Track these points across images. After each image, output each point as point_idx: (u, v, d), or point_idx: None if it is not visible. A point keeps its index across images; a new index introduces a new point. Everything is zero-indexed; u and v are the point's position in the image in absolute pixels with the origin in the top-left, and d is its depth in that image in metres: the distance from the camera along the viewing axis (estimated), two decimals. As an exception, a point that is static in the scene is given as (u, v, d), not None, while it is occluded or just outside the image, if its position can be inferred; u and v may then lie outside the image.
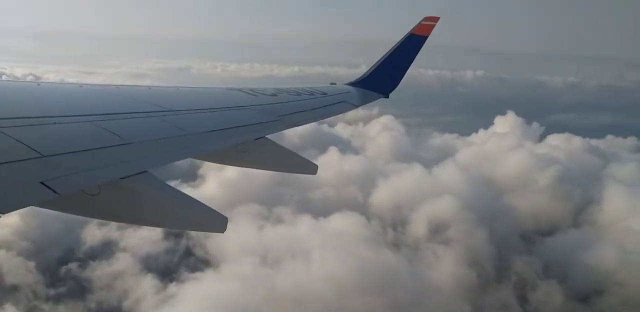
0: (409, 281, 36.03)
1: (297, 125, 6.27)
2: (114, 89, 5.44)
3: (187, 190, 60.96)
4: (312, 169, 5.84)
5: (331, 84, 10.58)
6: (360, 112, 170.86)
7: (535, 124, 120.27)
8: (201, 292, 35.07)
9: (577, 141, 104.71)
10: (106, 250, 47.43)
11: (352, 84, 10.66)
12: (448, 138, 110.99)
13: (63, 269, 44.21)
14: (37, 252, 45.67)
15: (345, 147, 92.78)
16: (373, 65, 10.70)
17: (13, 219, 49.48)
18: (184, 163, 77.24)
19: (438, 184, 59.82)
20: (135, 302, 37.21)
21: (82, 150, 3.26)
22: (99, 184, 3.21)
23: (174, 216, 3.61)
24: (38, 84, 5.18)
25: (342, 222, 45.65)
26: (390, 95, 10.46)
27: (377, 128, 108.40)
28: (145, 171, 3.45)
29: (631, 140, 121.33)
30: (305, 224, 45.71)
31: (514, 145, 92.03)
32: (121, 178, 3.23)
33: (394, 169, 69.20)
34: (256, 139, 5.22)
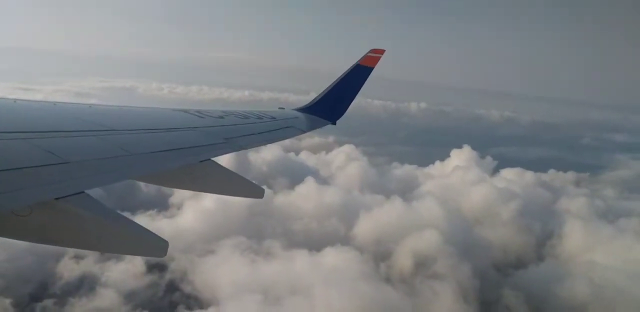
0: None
1: (244, 149, 6.27)
2: (51, 106, 5.30)
3: (163, 221, 59.18)
4: (258, 193, 5.76)
5: (279, 108, 10.69)
6: (317, 140, 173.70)
7: (488, 158, 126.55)
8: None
9: (529, 175, 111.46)
10: (84, 285, 44.75)
11: (301, 109, 10.82)
12: (408, 169, 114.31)
13: (38, 306, 41.14)
14: (7, 287, 42.33)
15: (314, 176, 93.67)
16: (321, 93, 10.98)
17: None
18: (151, 191, 75.07)
19: (416, 216, 61.57)
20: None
21: (13, 169, 3.11)
22: (30, 204, 3.08)
23: (111, 239, 3.48)
24: None
25: (336, 257, 45.81)
26: (339, 122, 10.80)
27: (341, 157, 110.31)
28: (83, 192, 3.35)
29: (571, 175, 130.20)
30: (299, 259, 45.44)
31: (474, 179, 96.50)
32: (56, 199, 3.13)
33: (370, 200, 70.50)
34: (201, 161, 5.12)
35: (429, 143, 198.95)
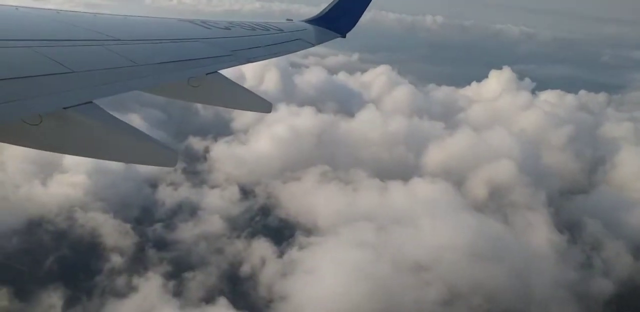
0: (514, 245, 39.22)
1: (251, 62, 6.09)
2: (54, 14, 5.16)
3: (238, 148, 60.38)
4: (266, 107, 5.71)
5: (287, 20, 10.14)
6: (341, 58, 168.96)
7: (527, 80, 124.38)
8: (326, 258, 36.51)
9: (569, 98, 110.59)
10: (185, 210, 47.21)
11: (309, 21, 10.31)
12: (447, 91, 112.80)
13: (149, 230, 43.85)
14: (115, 211, 44.79)
15: (361, 100, 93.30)
16: (330, 3, 10.39)
17: (80, 178, 47.85)
18: (209, 115, 75.56)
19: (481, 144, 62.48)
20: (252, 267, 38.08)
21: (21, 77, 3.06)
22: (40, 113, 3.08)
23: (121, 149, 3.55)
24: None
25: (424, 186, 47.63)
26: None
27: (382, 80, 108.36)
28: (91, 102, 3.35)
29: (603, 96, 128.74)
30: (390, 188, 47.26)
31: (519, 103, 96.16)
32: (64, 108, 3.13)
33: (430, 127, 71.20)
34: (208, 73, 5.09)
35: (455, 61, 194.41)
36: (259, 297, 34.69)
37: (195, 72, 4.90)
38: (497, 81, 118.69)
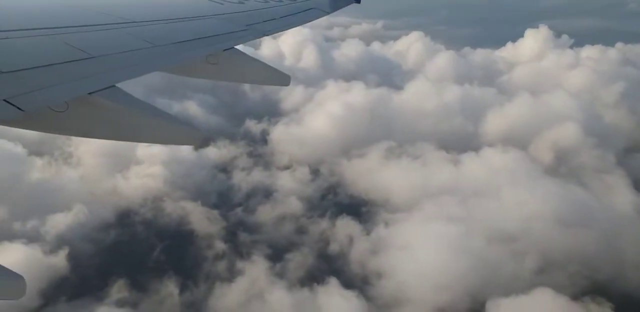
0: (598, 209, 39.27)
1: (267, 35, 6.03)
2: (71, 0, 5.25)
3: (295, 128, 60.84)
4: (285, 80, 5.69)
5: None
6: (365, 26, 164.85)
7: (564, 36, 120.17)
8: (415, 234, 37.26)
9: (612, 53, 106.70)
10: (261, 194, 48.38)
11: None
12: (483, 53, 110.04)
13: (231, 215, 45.18)
14: (198, 197, 46.22)
15: (402, 71, 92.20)
16: None
17: (157, 169, 49.28)
18: (257, 97, 75.93)
19: (540, 106, 61.53)
20: (341, 246, 39.18)
21: (45, 66, 3.16)
22: (66, 99, 3.17)
23: (145, 130, 3.60)
24: None
25: (499, 156, 47.60)
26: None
27: (418, 47, 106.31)
28: (113, 86, 3.44)
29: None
30: (466, 160, 47.40)
31: (565, 61, 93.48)
32: (89, 93, 3.21)
33: (481, 93, 70.28)
34: (225, 49, 5.08)
35: (478, 21, 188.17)
36: (355, 275, 35.82)
37: (212, 49, 4.92)
38: (534, 40, 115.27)
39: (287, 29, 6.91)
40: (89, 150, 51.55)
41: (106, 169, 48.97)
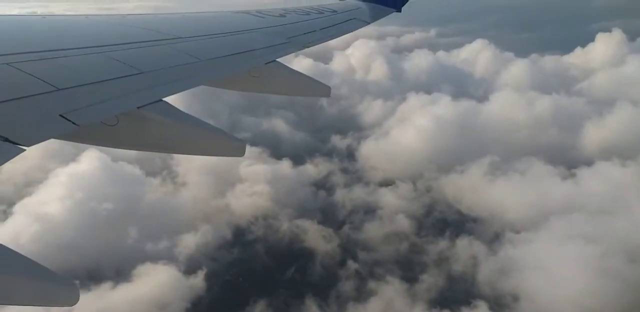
0: None
1: (308, 47, 6.13)
2: (120, 18, 5.47)
3: (382, 142, 60.64)
4: (325, 91, 5.79)
5: (340, 0, 10.20)
6: (417, 35, 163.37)
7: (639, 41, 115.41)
8: (549, 254, 36.11)
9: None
10: (366, 211, 48.28)
11: None
12: (552, 59, 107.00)
13: (339, 233, 45.20)
14: (302, 217, 46.59)
15: (474, 80, 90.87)
16: None
17: (262, 187, 50.05)
18: (334, 112, 76.34)
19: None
20: (465, 266, 38.47)
21: (96, 82, 3.30)
22: (117, 114, 3.27)
23: (192, 143, 3.71)
24: (43, 17, 5.14)
25: (616, 170, 45.89)
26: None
27: (486, 56, 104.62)
28: (161, 100, 3.49)
29: None
30: (581, 175, 45.96)
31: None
32: (138, 107, 3.29)
33: (569, 103, 68.26)
34: (267, 63, 5.18)
35: (534, 25, 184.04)
36: (489, 297, 35.02)
37: (254, 62, 5.06)
38: (606, 44, 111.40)
39: (328, 40, 7.06)
40: (192, 169, 53.09)
41: (213, 188, 50.11)
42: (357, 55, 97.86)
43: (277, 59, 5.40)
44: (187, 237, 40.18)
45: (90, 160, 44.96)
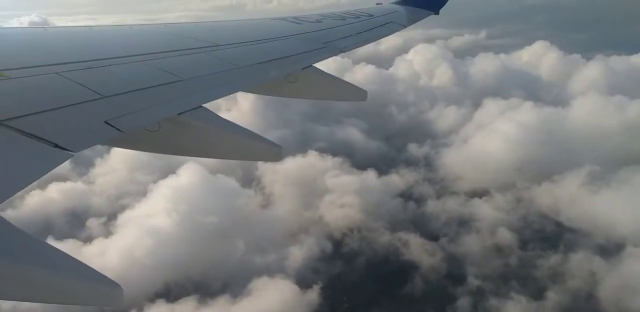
0: None
1: (344, 51, 6.23)
2: (162, 27, 5.75)
3: (459, 151, 59.20)
4: (362, 95, 5.83)
5: (377, 4, 10.26)
6: (467, 37, 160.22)
7: None
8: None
9: None
10: (462, 222, 47.14)
11: (399, 2, 10.37)
12: (619, 60, 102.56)
13: (436, 244, 44.19)
14: (393, 228, 45.88)
15: (544, 84, 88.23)
16: None
17: (351, 198, 49.62)
18: (404, 118, 75.40)
19: None
20: (584, 282, 36.86)
21: (139, 89, 3.47)
22: (159, 120, 3.37)
23: (231, 147, 3.81)
24: (90, 28, 5.45)
25: None
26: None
27: (552, 58, 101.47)
28: (201, 106, 3.62)
29: None
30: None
31: None
32: (179, 114, 3.41)
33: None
34: (304, 68, 5.29)
35: (584, 24, 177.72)
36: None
37: (291, 68, 5.14)
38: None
39: (364, 44, 7.15)
40: (277, 180, 53.27)
41: (302, 200, 50.05)
42: (418, 60, 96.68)
43: (313, 64, 5.51)
44: (293, 250, 40.09)
45: (189, 172, 45.60)
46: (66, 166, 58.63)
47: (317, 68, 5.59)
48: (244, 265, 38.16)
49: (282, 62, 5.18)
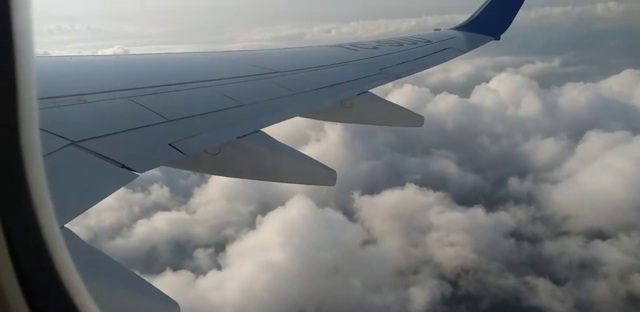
0: None
1: (400, 77, 6.28)
2: (225, 55, 6.32)
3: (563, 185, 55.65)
4: (418, 121, 5.86)
5: (435, 30, 10.24)
6: (539, 65, 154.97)
7: None
8: None
9: None
10: (584, 266, 43.63)
11: (458, 28, 10.26)
12: None
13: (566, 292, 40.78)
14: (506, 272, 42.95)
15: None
16: (480, 6, 10.27)
17: (459, 236, 47.28)
18: (496, 149, 72.44)
19: None
20: None
21: (202, 114, 3.63)
22: (219, 144, 3.52)
23: (288, 171, 3.90)
24: (159, 55, 6.40)
25: None
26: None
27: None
28: (258, 130, 3.74)
29: None
30: None
31: None
32: (238, 138, 3.58)
33: None
34: (359, 94, 5.40)
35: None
36: None
37: (346, 94, 5.34)
38: None
39: (420, 70, 7.04)
40: (377, 215, 51.80)
41: (406, 236, 48.26)
42: (502, 89, 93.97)
43: (369, 90, 5.56)
44: (413, 291, 38.19)
45: (298, 204, 45.08)
46: (165, 194, 60.12)
47: (372, 94, 5.64)
48: (363, 305, 36.55)
49: (337, 88, 5.33)
